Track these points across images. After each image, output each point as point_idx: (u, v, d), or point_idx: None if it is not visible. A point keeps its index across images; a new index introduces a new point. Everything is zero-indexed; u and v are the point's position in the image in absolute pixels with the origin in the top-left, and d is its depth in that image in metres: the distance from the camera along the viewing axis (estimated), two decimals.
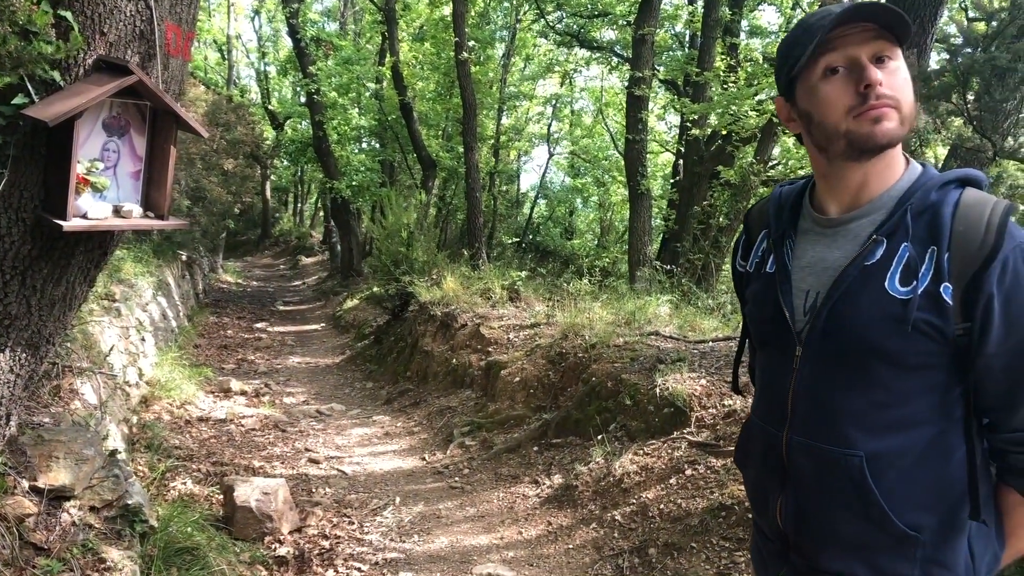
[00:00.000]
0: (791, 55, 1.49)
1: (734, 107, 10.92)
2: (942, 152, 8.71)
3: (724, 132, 11.70)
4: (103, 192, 2.62)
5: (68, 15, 2.33)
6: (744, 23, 14.68)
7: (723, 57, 12.59)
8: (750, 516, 4.05)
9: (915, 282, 1.41)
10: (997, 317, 1.37)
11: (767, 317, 1.63)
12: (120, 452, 4.11)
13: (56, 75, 2.37)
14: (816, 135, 1.51)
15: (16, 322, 2.67)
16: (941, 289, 1.39)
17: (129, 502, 3.51)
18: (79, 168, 2.47)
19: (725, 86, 11.98)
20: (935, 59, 6.49)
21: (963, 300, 1.38)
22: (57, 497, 3.21)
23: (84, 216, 2.52)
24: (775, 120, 10.51)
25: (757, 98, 11.38)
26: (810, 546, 1.58)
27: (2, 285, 2.59)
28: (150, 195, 2.77)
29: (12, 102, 2.40)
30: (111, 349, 5.69)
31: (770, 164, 11.94)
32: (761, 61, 13.20)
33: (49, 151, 2.51)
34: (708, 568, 3.90)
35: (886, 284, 1.43)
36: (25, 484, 3.13)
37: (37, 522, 3.04)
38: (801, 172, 13.58)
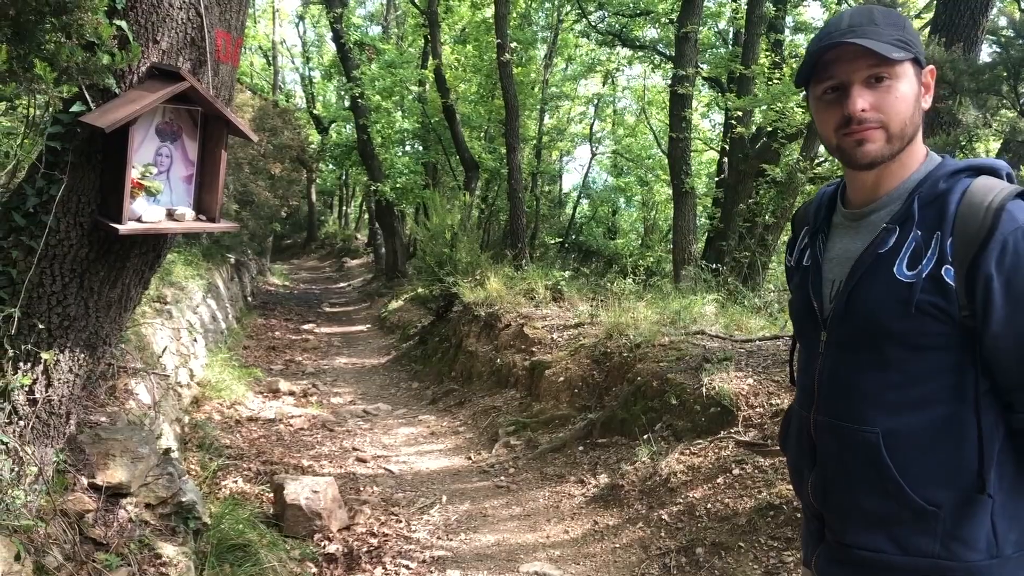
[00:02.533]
0: (798, 71, 1.62)
1: (779, 103, 10.78)
2: (995, 146, 8.50)
3: (769, 129, 11.56)
4: (157, 196, 2.69)
5: (124, 24, 2.40)
6: (788, 19, 14.50)
7: (767, 54, 12.46)
8: (799, 515, 4.01)
9: (920, 266, 1.49)
10: (998, 298, 1.42)
11: (801, 307, 1.74)
12: (173, 451, 4.21)
13: (112, 82, 2.43)
14: (822, 142, 1.65)
15: (75, 323, 2.75)
16: (943, 271, 1.46)
17: (183, 499, 3.59)
18: (134, 173, 2.54)
19: (770, 83, 11.85)
20: (986, 51, 6.34)
21: (966, 282, 1.44)
22: (114, 494, 3.30)
23: (139, 220, 2.59)
24: None
25: (802, 94, 11.19)
26: (837, 521, 1.65)
27: (61, 288, 2.68)
28: (202, 198, 2.83)
29: (70, 110, 2.47)
30: (164, 350, 5.81)
31: (817, 161, 11.77)
32: None
33: (105, 157, 2.58)
34: (756, 568, 3.86)
35: (895, 269, 1.51)
36: (84, 481, 3.22)
37: (96, 518, 3.13)
38: None
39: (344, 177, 31.68)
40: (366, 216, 30.37)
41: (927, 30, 7.14)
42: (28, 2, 1.90)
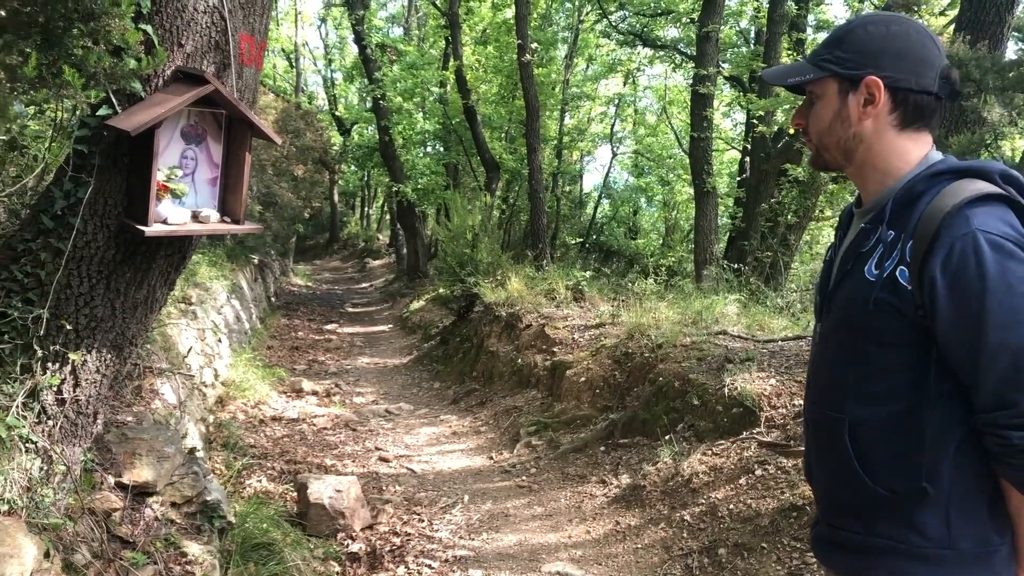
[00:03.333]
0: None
1: (801, 102, 10.69)
2: (1021, 144, 8.40)
3: (792, 129, 11.47)
4: (182, 198, 2.72)
5: (149, 29, 2.43)
6: (811, 18, 14.36)
7: (789, 53, 12.36)
8: None
9: (884, 266, 1.55)
10: (943, 300, 1.45)
11: (815, 302, 1.86)
12: (198, 450, 4.25)
13: (138, 86, 2.47)
14: None
15: (102, 324, 2.79)
16: (898, 272, 1.52)
17: (208, 498, 3.63)
18: (159, 175, 2.57)
19: None
20: (1012, 49, 6.27)
21: (919, 283, 1.48)
22: (141, 493, 3.34)
23: (164, 222, 2.62)
24: None
25: None
26: (822, 502, 1.78)
27: (88, 289, 2.72)
28: (226, 200, 2.86)
29: (97, 113, 2.51)
30: (189, 350, 5.87)
31: None
32: None
33: (131, 160, 2.61)
34: (779, 569, 3.84)
35: (865, 268, 1.59)
36: (111, 480, 3.26)
37: (123, 516, 3.17)
38: None
39: (366, 178, 31.82)
40: (388, 217, 30.51)
41: (952, 27, 7.07)
42: (57, 9, 1.93)
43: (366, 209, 36.11)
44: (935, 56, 1.57)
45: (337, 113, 27.28)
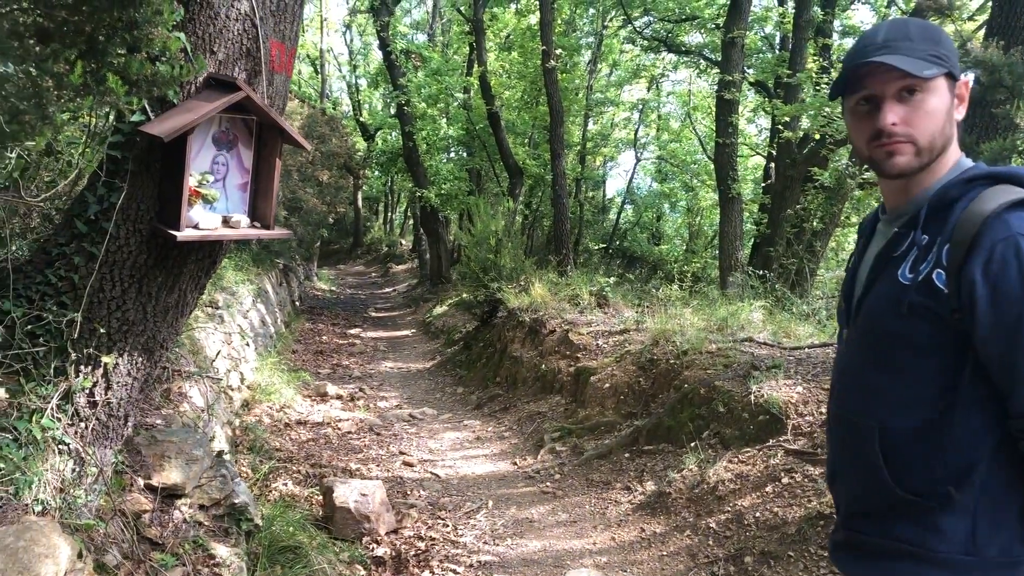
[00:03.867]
0: (834, 83, 1.69)
1: (827, 108, 10.63)
2: None
3: (817, 135, 11.40)
4: (213, 203, 2.74)
5: (182, 36, 2.46)
6: (837, 23, 14.28)
7: (815, 58, 12.29)
8: None
9: (919, 269, 1.55)
10: (983, 303, 1.45)
11: (838, 307, 1.87)
12: (226, 453, 4.28)
13: (177, 93, 2.50)
14: (855, 151, 1.72)
15: (133, 328, 2.83)
16: (934, 275, 1.52)
17: (236, 501, 3.65)
18: (191, 181, 2.60)
19: (817, 87, 11.69)
20: None
21: (957, 287, 1.48)
22: (169, 495, 3.37)
23: (196, 227, 2.64)
24: None
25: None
26: (842, 509, 1.78)
27: (121, 293, 2.75)
28: (256, 206, 2.89)
29: (131, 119, 2.54)
30: (217, 354, 5.92)
31: (866, 166, 11.52)
32: None
33: (163, 165, 2.64)
34: None
35: (899, 272, 1.59)
36: (140, 482, 3.30)
37: (152, 518, 3.20)
38: None
39: (389, 183, 32.01)
40: (411, 222, 30.62)
41: (981, 32, 7.00)
42: (103, 18, 1.96)
43: (389, 214, 36.29)
44: None
45: (361, 119, 27.47)
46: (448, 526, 5.14)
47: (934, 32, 1.60)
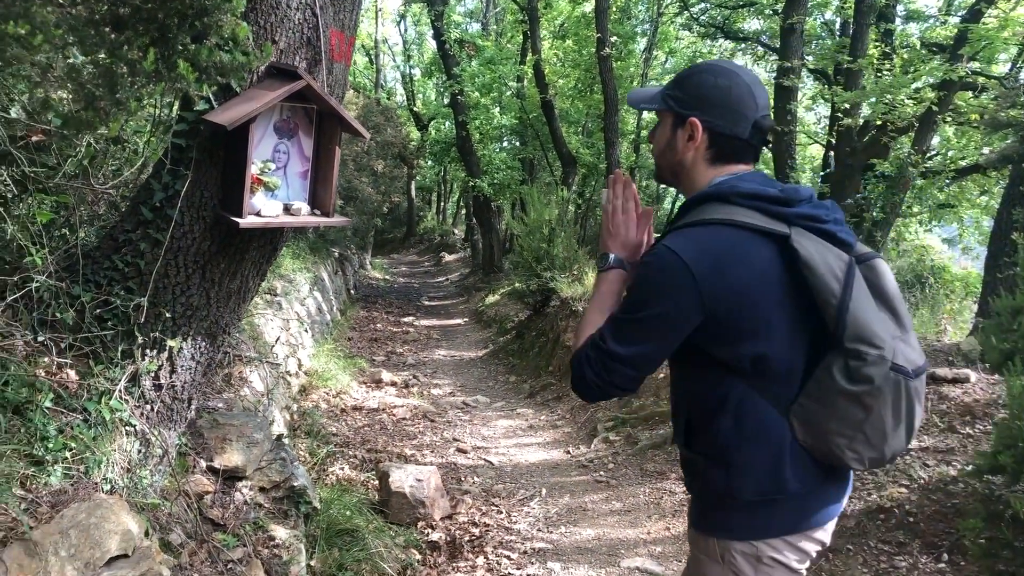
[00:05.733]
0: None
1: (889, 95, 10.35)
2: None
3: (878, 122, 11.12)
4: (274, 191, 2.78)
5: (244, 25, 2.49)
6: (900, 7, 13.89)
7: (877, 44, 11.97)
8: (910, 519, 3.87)
9: None
10: None
11: None
12: (285, 437, 4.36)
13: (236, 80, 2.53)
14: None
15: (197, 312, 2.89)
16: None
17: (295, 484, 3.72)
18: (253, 169, 2.64)
19: (879, 74, 11.39)
20: None
21: None
22: (231, 477, 3.45)
23: (258, 214, 2.68)
24: (934, 108, 9.94)
25: (914, 86, 10.74)
26: None
27: (185, 278, 2.81)
28: (316, 194, 2.92)
29: (195, 108, 2.59)
30: (276, 340, 6.03)
31: (929, 155, 11.23)
32: (919, 47, 12.45)
33: (226, 153, 2.69)
34: (865, 571, 3.73)
35: None
36: (203, 464, 3.38)
37: (214, 499, 3.27)
38: (963, 163, 12.75)
39: (443, 173, 32.09)
40: (463, 211, 30.72)
41: None
42: (174, 5, 2.00)
43: (442, 204, 36.44)
44: (751, 110, 1.82)
45: (415, 108, 27.59)
46: (502, 512, 5.16)
47: (684, 76, 1.94)
